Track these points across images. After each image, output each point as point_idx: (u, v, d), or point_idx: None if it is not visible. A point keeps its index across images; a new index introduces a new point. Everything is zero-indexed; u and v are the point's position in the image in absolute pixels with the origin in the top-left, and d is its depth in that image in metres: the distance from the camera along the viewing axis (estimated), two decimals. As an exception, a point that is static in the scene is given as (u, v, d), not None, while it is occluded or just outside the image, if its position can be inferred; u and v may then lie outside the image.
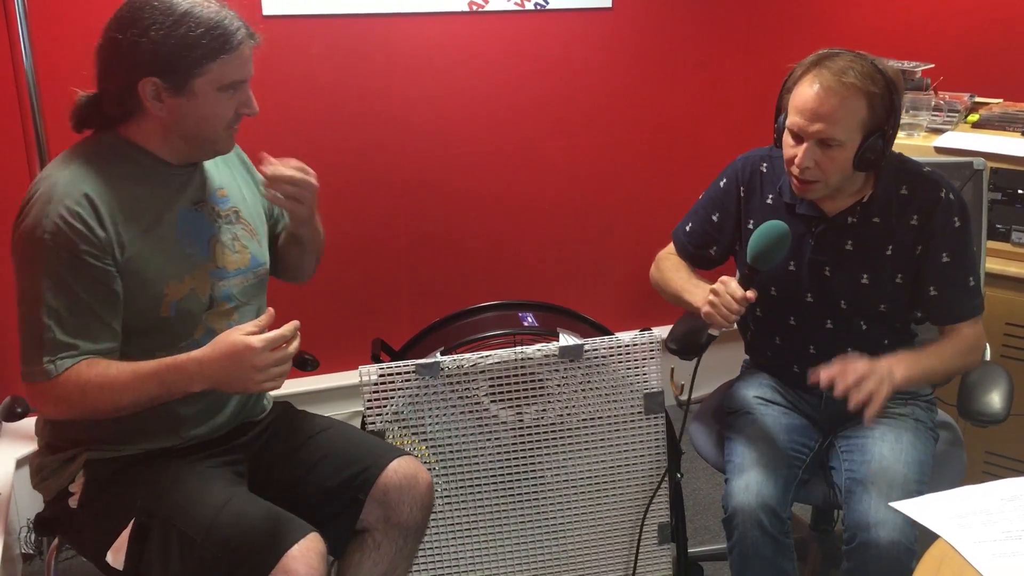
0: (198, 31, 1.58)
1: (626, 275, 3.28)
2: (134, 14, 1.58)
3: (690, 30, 3.12)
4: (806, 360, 2.05)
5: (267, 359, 1.54)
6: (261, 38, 1.68)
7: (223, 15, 1.61)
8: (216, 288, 1.74)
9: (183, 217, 1.71)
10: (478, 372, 2.00)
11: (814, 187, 1.89)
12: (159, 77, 1.59)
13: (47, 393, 1.59)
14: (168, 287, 1.67)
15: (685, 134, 3.21)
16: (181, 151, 1.70)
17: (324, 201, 2.79)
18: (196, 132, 1.67)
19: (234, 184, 1.85)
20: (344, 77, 2.74)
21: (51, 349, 1.57)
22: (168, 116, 1.63)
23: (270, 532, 1.59)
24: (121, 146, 1.67)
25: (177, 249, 1.69)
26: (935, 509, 1.54)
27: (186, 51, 1.58)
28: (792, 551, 1.89)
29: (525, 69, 2.94)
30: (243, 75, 1.66)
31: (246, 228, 1.83)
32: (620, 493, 2.13)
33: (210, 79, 1.61)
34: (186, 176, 1.74)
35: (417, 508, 1.80)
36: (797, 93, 1.84)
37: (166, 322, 1.68)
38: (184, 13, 1.58)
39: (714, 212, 2.10)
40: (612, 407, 2.09)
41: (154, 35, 1.57)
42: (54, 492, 1.74)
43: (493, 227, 3.04)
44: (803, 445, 2.00)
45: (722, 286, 1.85)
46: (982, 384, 2.03)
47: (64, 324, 1.57)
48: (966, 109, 2.78)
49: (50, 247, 1.56)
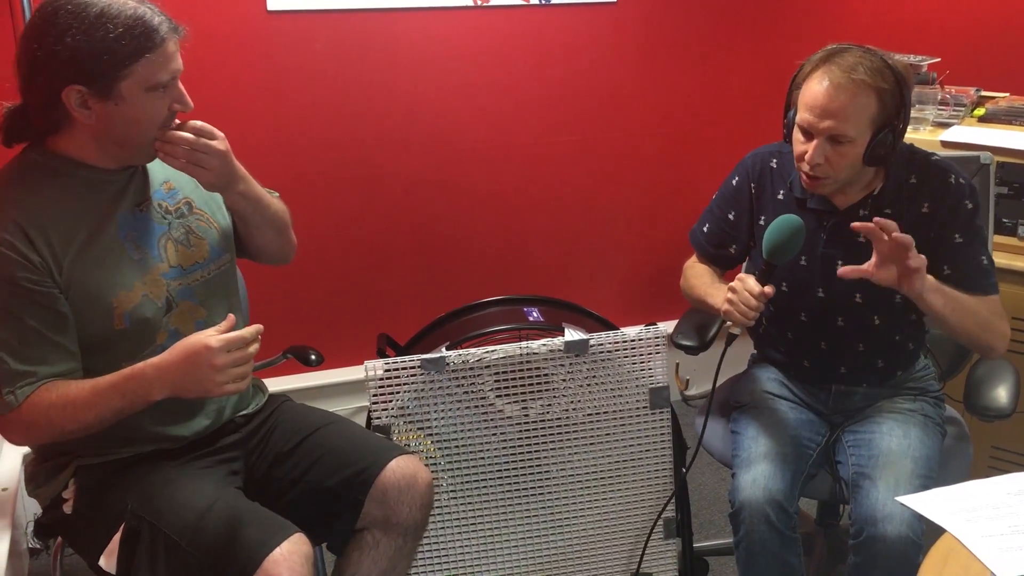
0: (117, 31, 1.50)
1: (631, 270, 3.28)
2: (47, 20, 1.51)
3: (695, 24, 3.11)
4: (817, 355, 2.06)
5: (225, 359, 1.52)
6: (185, 30, 1.59)
7: (141, 11, 1.53)
8: (172, 289, 1.69)
9: (125, 222, 1.65)
10: (483, 367, 2.00)
11: (824, 183, 1.88)
12: (83, 84, 1.51)
13: (12, 423, 1.58)
14: (117, 298, 1.62)
15: (690, 128, 3.20)
16: (118, 157, 1.64)
17: (328, 197, 2.82)
18: (130, 136, 1.60)
19: (179, 174, 1.74)
20: (348, 72, 2.74)
21: (8, 380, 1.55)
22: (98, 123, 1.56)
23: (254, 534, 1.58)
24: (50, 161, 1.61)
25: (123, 257, 1.64)
26: (942, 503, 1.54)
27: (107, 54, 1.50)
28: (799, 545, 1.89)
29: (530, 64, 2.94)
30: (171, 72, 1.57)
31: (201, 218, 1.77)
32: (625, 488, 2.13)
33: (136, 80, 1.53)
34: (124, 179, 1.67)
35: (416, 508, 1.79)
36: (807, 89, 1.84)
37: (122, 333, 1.64)
38: (99, 14, 1.50)
39: (729, 210, 2.10)
40: (617, 402, 2.08)
41: (70, 41, 1.49)
42: (48, 500, 1.74)
43: (498, 222, 3.04)
44: (810, 439, 2.00)
45: (739, 283, 1.84)
46: (989, 379, 2.03)
47: (16, 354, 1.55)
48: (972, 103, 2.77)
49: None
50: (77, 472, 1.70)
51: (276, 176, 1.92)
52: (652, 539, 2.14)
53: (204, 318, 1.74)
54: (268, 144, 2.67)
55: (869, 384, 2.06)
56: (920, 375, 2.10)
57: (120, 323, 1.63)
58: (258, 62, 2.61)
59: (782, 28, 3.18)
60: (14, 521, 2.19)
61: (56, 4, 1.52)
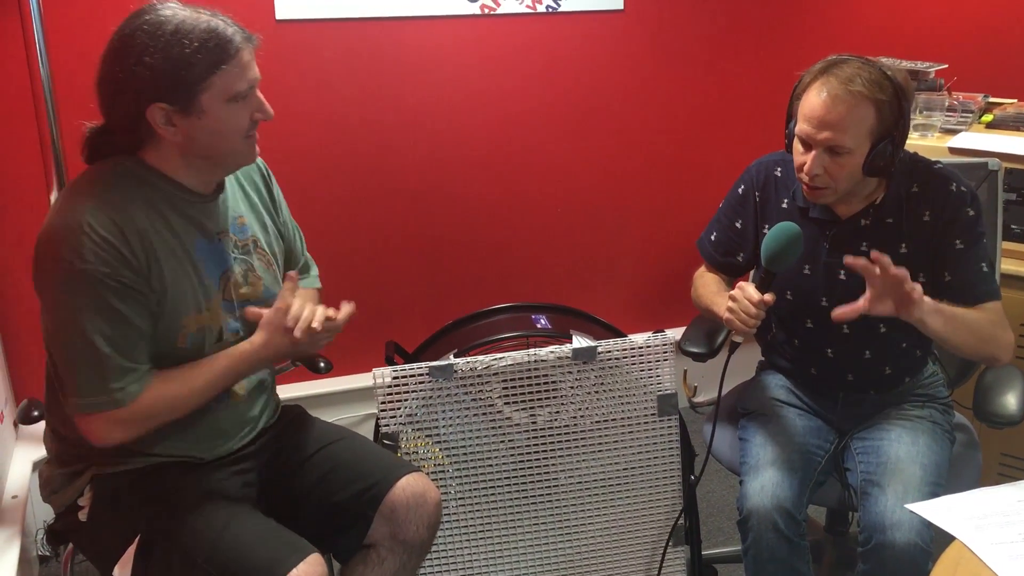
0: (193, 46, 1.52)
1: (639, 277, 3.28)
2: (125, 43, 1.54)
3: (702, 32, 3.11)
4: (824, 363, 2.05)
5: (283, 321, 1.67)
6: (259, 38, 1.62)
7: (214, 24, 1.55)
8: (225, 320, 1.72)
9: (201, 248, 1.67)
10: (491, 374, 2.00)
11: (824, 193, 1.89)
12: (165, 102, 1.54)
13: (116, 419, 1.58)
14: (186, 319, 1.65)
15: (697, 135, 3.20)
16: (204, 170, 1.66)
17: (337, 204, 2.82)
18: (214, 149, 1.62)
19: (254, 210, 1.81)
20: (356, 81, 2.75)
21: (117, 376, 1.56)
22: (183, 139, 1.59)
23: (270, 554, 1.59)
24: (142, 171, 1.63)
25: (196, 281, 1.66)
26: (951, 511, 1.54)
27: (185, 69, 1.52)
28: (807, 553, 1.89)
29: (537, 72, 2.95)
30: (249, 81, 1.60)
31: (263, 258, 1.80)
32: (634, 495, 2.13)
33: (216, 92, 1.55)
34: (208, 206, 1.70)
35: (424, 527, 1.79)
36: (805, 101, 1.84)
37: (180, 352, 1.66)
38: (174, 31, 1.52)
39: (736, 219, 2.10)
40: (625, 409, 2.09)
41: (149, 60, 1.51)
42: (63, 506, 1.74)
43: (506, 229, 3.05)
44: (818, 446, 2.00)
45: (739, 291, 1.85)
46: (998, 386, 2.02)
47: (121, 350, 1.56)
48: (980, 109, 2.77)
49: (94, 277, 1.52)
50: (94, 480, 1.71)
51: (285, 184, 1.93)
52: (661, 547, 2.13)
53: None
54: (276, 152, 2.67)
55: (877, 391, 2.06)
56: (928, 381, 2.10)
57: (183, 343, 1.65)
58: (266, 71, 2.59)
59: (789, 35, 3.19)
60: (24, 528, 2.20)
61: (132, 26, 1.55)
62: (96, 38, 1.62)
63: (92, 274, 1.52)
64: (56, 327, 1.58)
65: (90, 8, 2.43)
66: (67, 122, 2.43)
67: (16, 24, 2.34)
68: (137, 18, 1.55)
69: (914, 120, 2.68)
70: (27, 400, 2.23)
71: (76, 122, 1.67)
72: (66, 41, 2.41)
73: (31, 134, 2.43)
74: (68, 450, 1.73)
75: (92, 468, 1.71)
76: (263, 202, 1.85)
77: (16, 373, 2.59)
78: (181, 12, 1.55)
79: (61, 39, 2.39)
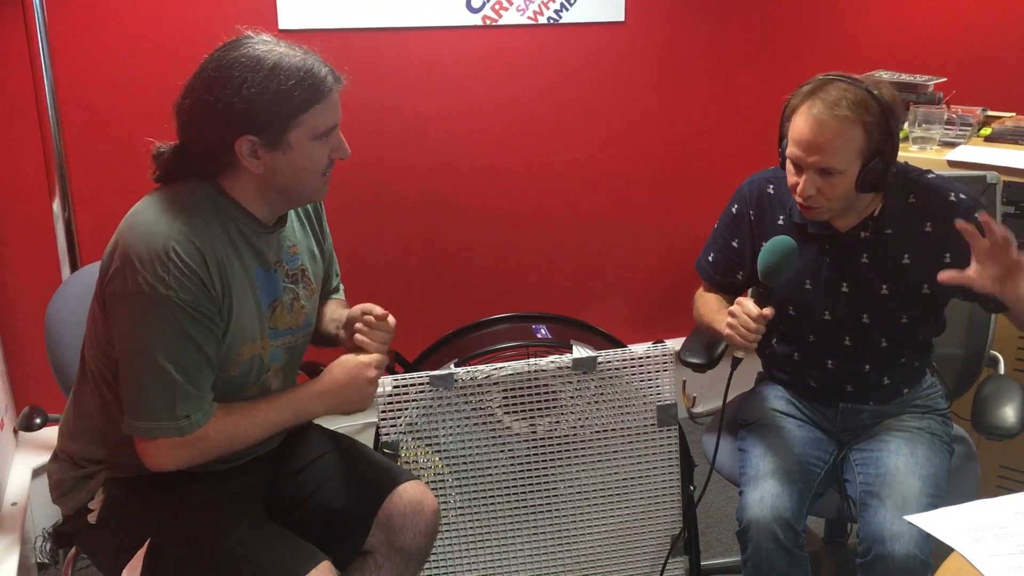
0: (289, 83, 1.54)
1: (639, 287, 3.28)
2: (223, 73, 1.54)
3: (703, 44, 3.13)
4: (823, 375, 2.06)
5: (376, 373, 1.74)
6: (347, 80, 1.64)
7: (310, 62, 1.58)
8: (271, 349, 1.73)
9: (259, 277, 1.68)
10: (492, 384, 2.01)
11: (819, 211, 1.90)
12: (255, 135, 1.55)
13: (176, 445, 1.57)
14: (243, 347, 1.66)
15: (698, 147, 3.21)
16: (276, 203, 1.67)
17: (338, 214, 2.82)
18: (293, 184, 1.63)
19: (305, 241, 1.82)
20: (358, 91, 2.70)
21: (184, 404, 1.55)
22: (265, 172, 1.60)
23: (282, 560, 1.59)
24: (219, 199, 1.63)
25: (255, 311, 1.67)
26: (950, 522, 1.54)
27: (280, 106, 1.54)
28: (806, 564, 1.89)
29: (538, 83, 2.96)
30: (334, 120, 1.62)
31: (307, 288, 1.81)
32: (633, 505, 2.13)
33: (305, 130, 1.58)
34: (271, 236, 1.70)
35: (421, 535, 1.79)
36: (794, 124, 1.85)
37: (232, 380, 1.67)
38: (274, 66, 1.54)
39: (732, 238, 2.11)
40: (625, 419, 2.09)
41: (246, 93, 1.53)
42: (73, 508, 1.74)
43: (506, 239, 3.05)
44: (817, 457, 2.00)
45: (738, 307, 1.86)
46: (996, 398, 2.03)
47: (191, 379, 1.56)
48: (979, 123, 2.78)
49: (178, 305, 1.52)
50: (107, 482, 1.71)
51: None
52: (660, 557, 2.14)
53: (280, 380, 1.78)
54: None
55: (876, 402, 2.06)
56: (927, 393, 2.10)
57: (235, 370, 1.66)
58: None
59: (789, 48, 3.20)
60: (23, 536, 2.21)
61: (230, 57, 1.56)
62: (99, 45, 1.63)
63: (174, 301, 1.52)
64: (129, 348, 1.57)
65: (93, 14, 2.44)
66: (69, 129, 2.44)
67: (20, 30, 2.35)
68: (234, 49, 1.57)
69: (913, 133, 2.69)
70: (29, 407, 2.24)
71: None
72: (70, 47, 2.42)
73: (34, 140, 2.44)
74: (85, 452, 1.73)
75: (105, 471, 1.71)
76: (313, 232, 1.86)
77: (17, 380, 2.59)
78: (277, 48, 1.58)
79: (65, 45, 2.40)
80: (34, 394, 2.52)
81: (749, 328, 1.83)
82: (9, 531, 2.15)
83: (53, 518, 2.55)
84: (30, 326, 2.48)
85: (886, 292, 1.95)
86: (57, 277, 2.47)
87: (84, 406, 1.72)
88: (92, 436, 1.70)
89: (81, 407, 1.73)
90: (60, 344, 2.04)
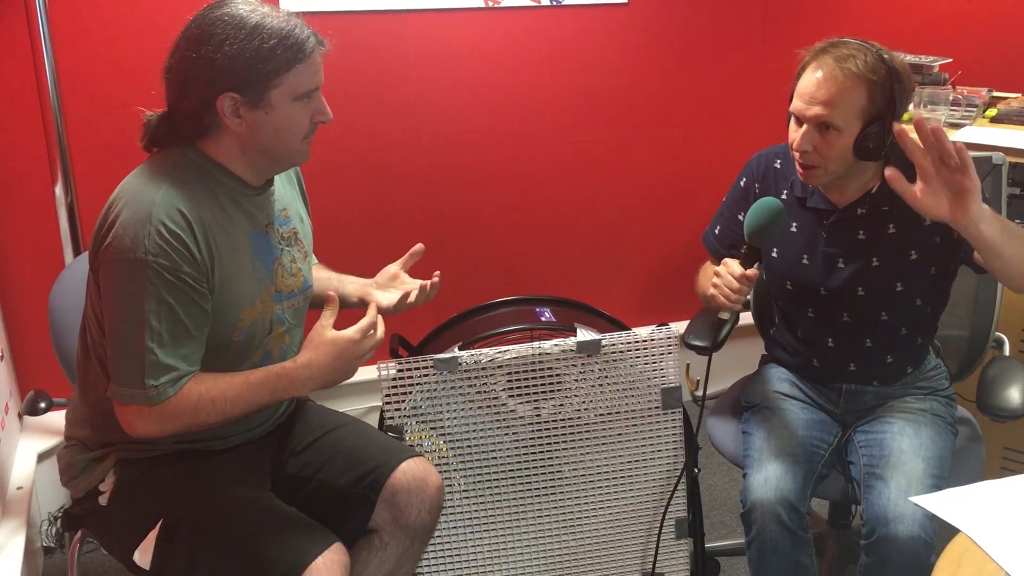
0: (271, 42, 1.56)
1: (643, 270, 3.28)
2: (205, 31, 1.57)
3: (706, 25, 3.11)
4: (825, 354, 2.06)
5: (365, 346, 1.67)
6: (330, 44, 1.67)
7: (292, 23, 1.60)
8: (274, 312, 1.74)
9: (255, 240, 1.70)
10: (496, 367, 2.01)
11: (815, 172, 1.90)
12: (237, 92, 1.57)
13: (148, 414, 1.58)
14: (243, 312, 1.67)
15: (701, 128, 3.20)
16: (260, 166, 1.69)
17: (340, 197, 2.83)
18: (274, 145, 1.65)
19: (294, 204, 1.85)
20: (359, 73, 2.75)
21: (154, 372, 1.55)
22: (247, 131, 1.62)
23: (294, 542, 1.61)
24: (204, 163, 1.65)
25: (252, 274, 1.69)
26: (955, 504, 1.54)
27: (261, 63, 1.56)
28: (810, 545, 1.90)
29: (541, 65, 2.95)
30: (316, 83, 1.65)
31: (301, 250, 1.83)
32: (637, 488, 2.13)
33: (285, 89, 1.60)
34: (259, 198, 1.73)
35: (425, 510, 1.80)
36: (801, 79, 1.87)
37: (235, 345, 1.68)
38: (256, 25, 1.56)
39: (739, 211, 2.10)
40: (629, 402, 2.09)
41: (228, 50, 1.55)
42: (83, 491, 1.75)
43: (509, 222, 3.05)
44: (821, 439, 2.00)
45: (724, 267, 1.87)
46: (1001, 379, 2.02)
47: (165, 346, 1.56)
48: (984, 104, 2.77)
49: (154, 269, 1.53)
50: (118, 464, 1.72)
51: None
52: (664, 539, 2.14)
53: (287, 344, 1.79)
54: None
55: (880, 382, 2.06)
56: (931, 374, 2.10)
57: (238, 336, 1.67)
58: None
59: (792, 29, 3.18)
60: (29, 520, 2.21)
61: (213, 15, 1.58)
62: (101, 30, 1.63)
63: (151, 266, 1.53)
64: (108, 311, 1.59)
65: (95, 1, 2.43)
66: (71, 114, 2.43)
67: (21, 17, 2.34)
68: (216, 9, 1.59)
69: (918, 114, 2.67)
70: (33, 392, 2.24)
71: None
72: (71, 33, 2.41)
73: (36, 127, 2.43)
74: (95, 436, 1.74)
75: (116, 453, 1.72)
76: (300, 195, 1.90)
77: (21, 365, 2.60)
78: (260, 9, 1.60)
79: (66, 30, 2.39)
80: (38, 379, 2.52)
81: (732, 288, 1.84)
82: (15, 515, 2.16)
83: (59, 502, 2.57)
84: (33, 311, 2.48)
85: (877, 264, 1.95)
86: (60, 262, 2.48)
87: (90, 391, 1.73)
88: (102, 420, 1.70)
89: (87, 392, 1.74)
90: (63, 328, 2.04)
